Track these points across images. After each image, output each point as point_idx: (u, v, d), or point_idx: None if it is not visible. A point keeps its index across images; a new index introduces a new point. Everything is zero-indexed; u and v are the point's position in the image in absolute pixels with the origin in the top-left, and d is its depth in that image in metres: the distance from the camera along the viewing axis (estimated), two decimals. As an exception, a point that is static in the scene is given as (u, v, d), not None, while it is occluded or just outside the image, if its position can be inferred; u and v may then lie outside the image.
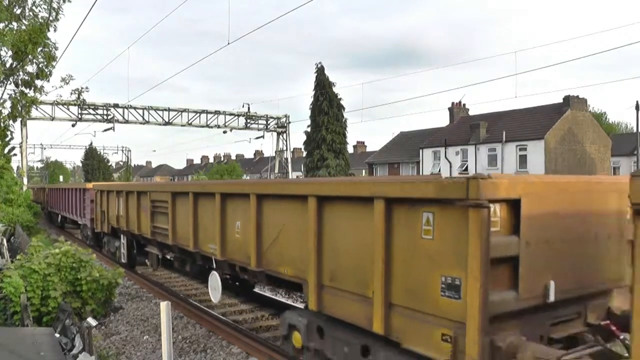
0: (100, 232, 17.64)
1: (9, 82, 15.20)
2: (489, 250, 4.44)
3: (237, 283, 11.21)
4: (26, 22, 14.17)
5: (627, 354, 4.67)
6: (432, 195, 4.81)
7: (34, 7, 14.29)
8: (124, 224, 14.10)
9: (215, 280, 9.26)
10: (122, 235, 15.00)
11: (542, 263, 4.93)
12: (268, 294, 12.21)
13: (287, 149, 50.02)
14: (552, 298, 4.95)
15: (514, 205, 4.70)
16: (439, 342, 4.83)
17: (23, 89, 15.30)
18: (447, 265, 4.76)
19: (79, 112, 40.26)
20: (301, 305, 7.28)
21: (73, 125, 41.43)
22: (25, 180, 37.81)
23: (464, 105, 51.74)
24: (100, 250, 18.19)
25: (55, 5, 14.29)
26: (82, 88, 17.21)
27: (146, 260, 14.21)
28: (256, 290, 12.26)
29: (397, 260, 5.30)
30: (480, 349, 4.45)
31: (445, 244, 4.77)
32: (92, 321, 7.05)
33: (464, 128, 47.34)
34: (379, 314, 5.42)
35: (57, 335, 7.53)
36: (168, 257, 12.69)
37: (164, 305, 6.38)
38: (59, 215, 29.11)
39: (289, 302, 11.43)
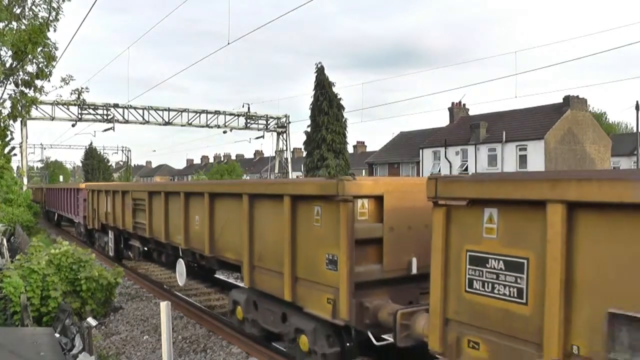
0: (92, 229, 19.07)
1: (9, 82, 15.19)
2: (353, 233, 5.91)
3: (196, 267, 12.82)
4: (26, 22, 14.15)
5: None
6: (318, 192, 6.32)
7: (33, 7, 14.28)
8: (111, 220, 15.60)
9: (181, 266, 10.85)
10: (109, 231, 16.50)
11: (405, 244, 6.25)
12: (223, 277, 13.45)
13: (287, 149, 50.02)
14: (414, 271, 6.26)
15: (379, 200, 6.19)
16: (325, 304, 6.32)
17: (23, 89, 15.28)
18: (329, 246, 6.22)
19: (79, 112, 40.23)
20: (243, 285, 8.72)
21: (73, 125, 41.42)
22: (25, 180, 37.79)
23: (464, 105, 51.71)
24: (93, 246, 19.22)
25: (55, 5, 14.28)
26: (82, 88, 17.19)
27: (129, 253, 16.01)
28: (217, 275, 13.78)
29: (299, 243, 6.82)
30: (348, 308, 5.95)
31: (328, 230, 6.24)
32: (92, 321, 7.04)
33: (464, 128, 47.33)
34: (288, 286, 6.95)
35: (57, 335, 7.52)
36: (146, 248, 14.25)
37: (164, 305, 6.38)
38: (55, 214, 30.38)
39: (238, 283, 12.34)
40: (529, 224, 4.19)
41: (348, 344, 6.59)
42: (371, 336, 6.14)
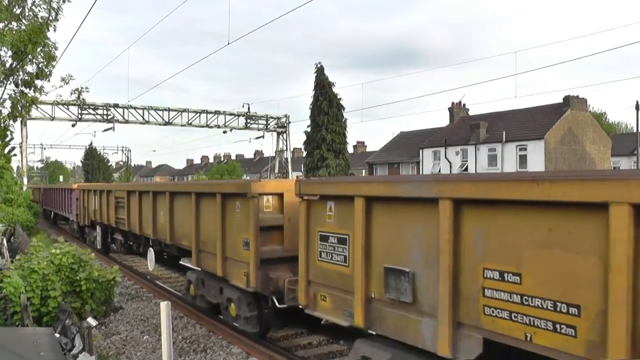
0: (83, 225, 21.18)
1: (9, 82, 15.17)
2: (259, 222, 7.89)
3: (165, 256, 14.52)
4: (26, 22, 14.14)
5: None
6: (237, 191, 8.33)
7: (33, 7, 14.27)
8: (98, 217, 17.71)
9: (151, 254, 12.80)
10: (97, 227, 18.68)
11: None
12: (187, 263, 14.39)
13: (287, 149, 50.00)
14: None
15: (281, 197, 8.12)
16: (242, 277, 8.21)
17: (23, 89, 15.26)
18: (244, 231, 8.10)
19: (79, 112, 40.22)
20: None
21: (73, 125, 41.41)
22: (25, 180, 37.78)
23: (464, 105, 51.70)
24: (85, 241, 21.14)
25: (55, 5, 14.27)
26: (82, 88, 17.17)
27: (112, 245, 18.17)
28: (181, 262, 15.17)
29: (227, 230, 8.71)
30: (255, 278, 7.87)
31: (244, 219, 8.12)
32: (92, 321, 7.04)
33: (464, 128, 47.32)
34: (219, 264, 8.83)
35: (57, 335, 7.52)
36: (129, 242, 15.93)
37: (164, 305, 6.38)
38: (52, 212, 32.10)
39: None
40: (348, 212, 5.91)
41: (266, 310, 8.34)
42: (275, 300, 7.85)
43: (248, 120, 46.73)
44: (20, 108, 15.54)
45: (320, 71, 47.69)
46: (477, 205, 4.53)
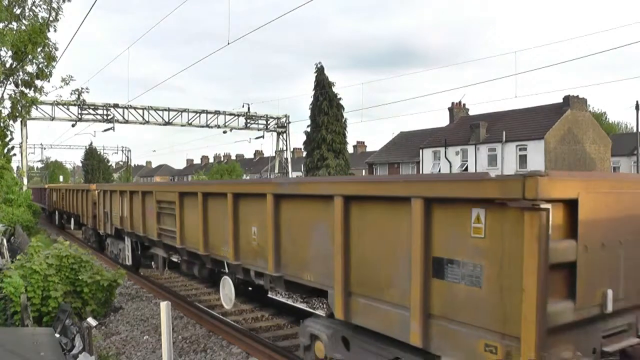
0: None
1: (9, 82, 15.19)
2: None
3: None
4: (26, 22, 14.15)
5: None
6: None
7: (34, 7, 14.29)
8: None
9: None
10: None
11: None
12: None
13: (287, 149, 49.98)
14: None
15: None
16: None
17: (23, 89, 15.28)
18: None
19: (79, 112, 40.20)
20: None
21: (73, 126, 41.39)
22: (25, 180, 37.76)
23: (464, 105, 51.71)
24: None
25: (55, 5, 14.30)
26: (82, 88, 17.21)
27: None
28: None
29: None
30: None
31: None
32: (92, 321, 7.04)
33: (464, 128, 47.32)
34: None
35: (57, 335, 7.51)
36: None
37: (164, 305, 6.38)
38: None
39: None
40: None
41: None
42: None
43: (248, 120, 46.71)
44: (20, 108, 15.55)
45: (320, 71, 47.69)
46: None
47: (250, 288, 10.98)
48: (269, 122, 48.12)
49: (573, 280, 4.29)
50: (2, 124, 15.33)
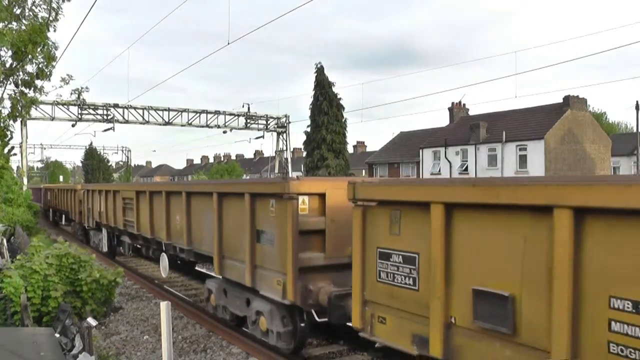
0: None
1: (8, 82, 15.17)
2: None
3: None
4: (26, 22, 14.14)
5: None
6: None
7: (33, 7, 14.27)
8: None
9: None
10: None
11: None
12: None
13: (287, 149, 49.95)
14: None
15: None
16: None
17: (23, 89, 15.26)
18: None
19: (79, 112, 40.17)
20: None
21: (73, 125, 41.36)
22: (25, 180, 37.75)
23: (464, 105, 51.65)
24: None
25: (55, 5, 14.27)
26: (82, 88, 17.20)
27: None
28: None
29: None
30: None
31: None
32: (92, 321, 7.04)
33: (464, 128, 47.29)
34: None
35: (57, 335, 7.51)
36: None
37: (164, 305, 6.38)
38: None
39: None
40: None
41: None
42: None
43: (248, 120, 46.69)
44: (20, 108, 15.53)
45: (320, 71, 47.67)
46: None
47: (179, 262, 14.06)
48: (269, 122, 48.10)
49: (324, 240, 7.35)
50: (2, 124, 15.32)
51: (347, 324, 6.59)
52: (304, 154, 51.59)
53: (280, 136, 49.54)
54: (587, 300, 3.83)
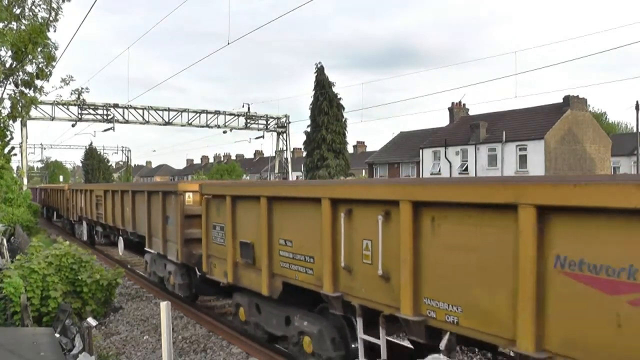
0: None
1: (8, 82, 15.18)
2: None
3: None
4: (26, 22, 14.15)
5: None
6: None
7: (33, 7, 14.28)
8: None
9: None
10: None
11: None
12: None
13: (287, 149, 49.96)
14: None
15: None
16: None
17: (23, 89, 15.27)
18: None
19: (79, 112, 40.18)
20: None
21: (73, 126, 41.37)
22: (25, 180, 37.75)
23: (464, 105, 51.62)
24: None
25: (54, 5, 14.30)
26: (82, 88, 17.24)
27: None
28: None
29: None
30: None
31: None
32: (92, 321, 7.04)
33: (464, 128, 47.28)
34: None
35: (57, 335, 7.52)
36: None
37: (164, 305, 6.38)
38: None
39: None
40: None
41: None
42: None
43: (248, 120, 46.70)
44: (20, 108, 15.54)
45: (320, 71, 47.67)
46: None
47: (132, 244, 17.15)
48: (269, 122, 48.10)
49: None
50: (2, 124, 15.32)
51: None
52: (304, 154, 51.59)
53: (280, 136, 49.54)
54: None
